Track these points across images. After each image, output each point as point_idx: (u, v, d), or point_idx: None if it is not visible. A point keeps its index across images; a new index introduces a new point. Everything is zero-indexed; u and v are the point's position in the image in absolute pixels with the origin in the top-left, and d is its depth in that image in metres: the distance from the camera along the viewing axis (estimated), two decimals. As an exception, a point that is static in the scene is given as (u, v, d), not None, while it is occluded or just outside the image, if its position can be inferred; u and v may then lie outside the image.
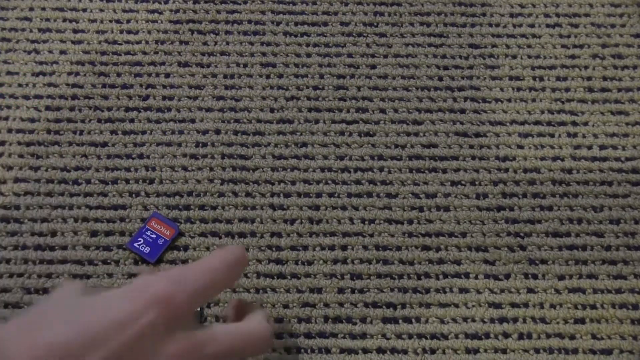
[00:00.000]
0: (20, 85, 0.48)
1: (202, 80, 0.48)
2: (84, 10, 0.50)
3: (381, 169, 0.46)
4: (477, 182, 0.46)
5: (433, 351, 0.41)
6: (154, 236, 0.43)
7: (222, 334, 0.28)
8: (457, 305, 0.42)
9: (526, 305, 0.42)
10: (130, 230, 0.43)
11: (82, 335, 0.24)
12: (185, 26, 0.50)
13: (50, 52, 0.49)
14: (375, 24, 0.51)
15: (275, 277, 0.43)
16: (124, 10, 0.50)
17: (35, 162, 0.45)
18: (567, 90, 0.49)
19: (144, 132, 0.46)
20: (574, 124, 0.48)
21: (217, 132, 0.47)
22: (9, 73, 0.48)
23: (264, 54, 0.49)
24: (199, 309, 0.34)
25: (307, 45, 0.50)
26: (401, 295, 0.42)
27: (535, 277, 0.43)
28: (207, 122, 0.47)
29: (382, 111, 0.48)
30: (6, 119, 0.47)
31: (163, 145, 0.46)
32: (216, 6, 0.51)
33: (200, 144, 0.46)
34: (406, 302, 0.42)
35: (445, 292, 0.42)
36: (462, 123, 0.47)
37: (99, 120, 0.47)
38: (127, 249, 0.43)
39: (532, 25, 0.51)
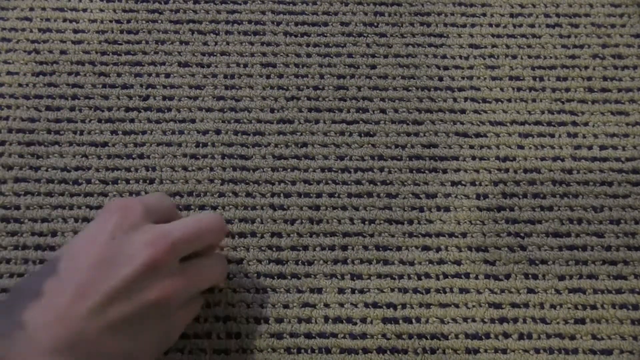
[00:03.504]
0: (20, 85, 0.48)
1: (203, 80, 0.48)
2: (84, 10, 0.50)
3: (381, 169, 0.46)
4: (477, 183, 0.46)
5: (433, 351, 0.41)
6: None
7: (183, 222, 0.34)
8: (457, 306, 0.42)
9: (526, 305, 0.42)
10: (130, 230, 0.43)
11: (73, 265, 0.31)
12: (185, 26, 0.50)
13: (50, 52, 0.49)
14: (375, 24, 0.51)
15: (276, 277, 0.43)
16: (124, 10, 0.50)
17: (35, 162, 0.45)
18: (567, 90, 0.49)
19: (144, 132, 0.46)
20: (574, 124, 0.48)
21: (218, 132, 0.47)
22: (9, 73, 0.48)
23: (264, 54, 0.49)
24: None
25: (307, 45, 0.50)
26: (401, 295, 0.42)
27: (535, 277, 0.43)
28: (207, 122, 0.47)
29: (383, 111, 0.48)
30: (6, 119, 0.47)
31: (163, 145, 0.46)
32: (216, 6, 0.51)
33: (201, 144, 0.46)
34: (406, 302, 0.42)
35: (445, 292, 0.42)
36: (462, 123, 0.47)
37: (99, 120, 0.47)
38: None
39: (532, 25, 0.51)
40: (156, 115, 0.47)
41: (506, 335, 0.41)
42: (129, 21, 0.50)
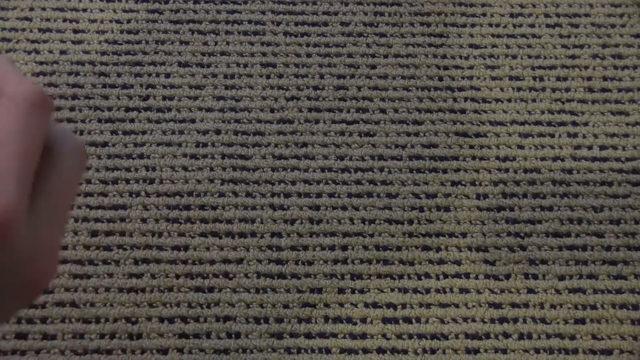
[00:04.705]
0: (20, 85, 0.48)
1: (202, 80, 0.48)
2: (84, 10, 0.50)
3: (381, 169, 0.46)
4: (477, 182, 0.46)
5: (433, 351, 0.41)
6: None
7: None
8: (457, 306, 0.42)
9: (526, 305, 0.42)
10: (130, 230, 0.43)
11: None
12: (185, 26, 0.50)
13: (50, 52, 0.49)
14: (375, 24, 0.51)
15: (276, 277, 0.43)
16: (124, 10, 0.50)
17: (35, 162, 0.45)
18: (567, 90, 0.49)
19: (144, 132, 0.46)
20: (574, 124, 0.48)
21: (218, 132, 0.47)
22: (9, 73, 0.48)
23: (264, 54, 0.49)
24: None
25: (307, 45, 0.50)
26: (401, 295, 0.42)
27: (535, 277, 0.43)
28: (207, 122, 0.47)
29: (383, 111, 0.48)
30: (6, 119, 0.46)
31: (163, 145, 0.46)
32: (216, 6, 0.51)
33: (201, 144, 0.46)
34: (406, 302, 0.42)
35: (445, 293, 0.42)
36: (462, 123, 0.47)
37: (99, 120, 0.47)
38: None
39: (532, 25, 0.51)
40: (156, 115, 0.47)
41: (506, 335, 0.42)
42: (129, 21, 0.50)
